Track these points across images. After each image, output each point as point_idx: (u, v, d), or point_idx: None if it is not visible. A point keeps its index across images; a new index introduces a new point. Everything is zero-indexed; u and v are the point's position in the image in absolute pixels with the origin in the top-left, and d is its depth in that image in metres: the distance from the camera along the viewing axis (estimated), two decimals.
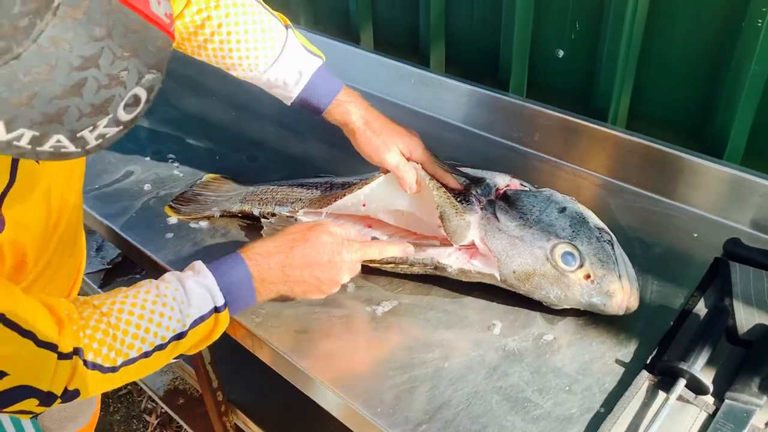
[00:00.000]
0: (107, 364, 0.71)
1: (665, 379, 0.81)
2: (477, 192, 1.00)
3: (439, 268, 0.96)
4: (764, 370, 0.79)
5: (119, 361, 0.72)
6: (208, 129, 1.45)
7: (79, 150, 0.54)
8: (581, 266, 0.90)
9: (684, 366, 0.79)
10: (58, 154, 0.53)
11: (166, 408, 1.84)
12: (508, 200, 1.00)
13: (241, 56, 0.96)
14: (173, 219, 1.15)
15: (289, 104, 1.01)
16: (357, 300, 0.97)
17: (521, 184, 1.05)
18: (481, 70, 1.45)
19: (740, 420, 0.75)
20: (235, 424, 1.50)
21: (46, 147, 0.52)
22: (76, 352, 0.69)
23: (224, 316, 0.80)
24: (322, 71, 0.99)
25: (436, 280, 0.98)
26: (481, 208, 0.98)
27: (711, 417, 0.77)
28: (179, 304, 0.76)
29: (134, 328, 0.73)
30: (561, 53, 1.30)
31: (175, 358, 0.79)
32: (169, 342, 0.75)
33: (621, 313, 0.88)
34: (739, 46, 1.05)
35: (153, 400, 1.98)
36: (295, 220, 1.06)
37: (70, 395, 0.70)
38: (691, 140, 1.18)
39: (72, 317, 0.71)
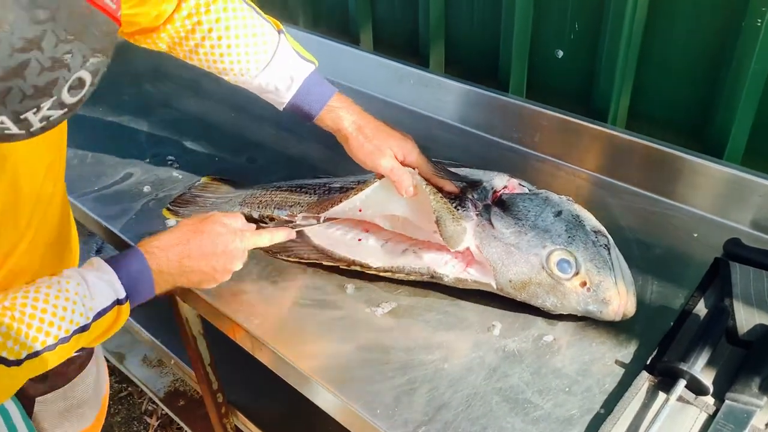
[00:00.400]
0: (12, 357, 0.71)
1: (665, 380, 0.81)
2: (473, 196, 0.99)
3: (435, 277, 0.95)
4: (764, 371, 0.78)
5: (23, 354, 0.72)
6: (207, 130, 1.45)
7: (23, 132, 0.54)
8: (577, 273, 0.89)
9: (684, 367, 0.79)
10: (2, 136, 0.54)
11: (166, 410, 1.84)
12: (504, 205, 0.98)
13: (232, 61, 0.95)
14: (172, 221, 1.15)
15: (281, 109, 1.01)
16: (356, 301, 0.97)
17: (520, 184, 1.04)
18: (481, 70, 1.45)
19: (740, 421, 0.75)
20: (235, 425, 1.50)
21: None
22: None
23: (125, 308, 0.82)
24: (314, 77, 0.98)
25: None
26: (477, 214, 0.96)
27: (711, 418, 0.77)
28: (82, 298, 0.77)
29: (38, 322, 0.73)
30: (560, 53, 1.29)
31: (77, 351, 0.79)
32: (72, 335, 0.76)
33: (618, 319, 0.88)
34: (739, 46, 1.05)
35: (153, 402, 1.98)
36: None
37: None
38: (691, 140, 1.17)
39: None
